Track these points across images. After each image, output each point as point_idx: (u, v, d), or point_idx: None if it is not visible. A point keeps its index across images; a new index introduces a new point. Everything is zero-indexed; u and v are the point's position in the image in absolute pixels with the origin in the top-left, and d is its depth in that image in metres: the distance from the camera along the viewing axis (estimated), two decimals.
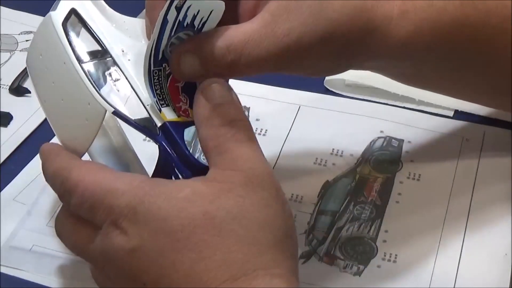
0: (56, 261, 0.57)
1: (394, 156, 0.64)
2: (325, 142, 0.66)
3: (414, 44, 0.51)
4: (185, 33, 0.47)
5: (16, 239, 0.59)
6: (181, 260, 0.42)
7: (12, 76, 0.73)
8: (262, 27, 0.46)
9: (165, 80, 0.48)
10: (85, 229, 0.47)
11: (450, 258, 0.55)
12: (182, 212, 0.43)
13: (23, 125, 0.69)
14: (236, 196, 0.43)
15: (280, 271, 0.43)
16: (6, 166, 0.65)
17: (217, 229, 0.42)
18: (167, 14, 0.45)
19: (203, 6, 0.46)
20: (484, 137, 0.65)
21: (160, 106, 0.48)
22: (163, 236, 0.43)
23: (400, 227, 0.58)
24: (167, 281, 0.42)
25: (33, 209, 0.61)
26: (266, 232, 0.43)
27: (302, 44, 0.47)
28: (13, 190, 0.63)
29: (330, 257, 0.56)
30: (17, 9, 0.83)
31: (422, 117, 0.67)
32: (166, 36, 0.46)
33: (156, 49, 0.47)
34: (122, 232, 0.44)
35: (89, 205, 0.45)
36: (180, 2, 0.45)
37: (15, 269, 0.56)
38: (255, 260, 0.42)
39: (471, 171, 0.62)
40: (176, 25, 0.46)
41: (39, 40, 0.51)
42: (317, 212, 0.60)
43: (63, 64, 0.48)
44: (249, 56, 0.46)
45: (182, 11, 0.45)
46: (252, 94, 0.71)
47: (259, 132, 0.67)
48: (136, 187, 0.44)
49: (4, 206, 0.61)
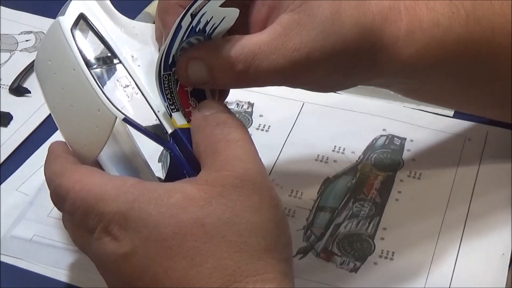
0: (56, 251, 0.57)
1: (396, 154, 0.64)
2: (327, 139, 0.66)
3: (420, 63, 0.51)
4: (196, 38, 0.47)
5: (17, 229, 0.59)
6: (174, 268, 0.42)
7: (12, 76, 0.74)
8: (273, 40, 0.46)
9: (174, 85, 0.48)
10: (82, 232, 0.47)
11: (447, 257, 0.55)
12: (173, 219, 0.43)
13: (23, 125, 0.69)
14: (227, 201, 0.43)
15: (272, 275, 0.43)
16: (6, 166, 0.65)
17: (208, 236, 0.42)
18: (182, 20, 0.45)
19: (218, 12, 0.46)
20: (487, 137, 0.65)
21: (171, 111, 0.48)
22: (154, 243, 0.42)
23: (399, 225, 0.58)
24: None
25: (35, 200, 0.61)
26: (258, 237, 0.43)
27: (312, 59, 0.47)
28: (15, 180, 0.63)
29: (327, 253, 0.57)
30: (17, 9, 0.83)
31: (425, 116, 0.67)
32: (178, 41, 0.46)
33: (167, 54, 0.47)
34: (114, 238, 0.44)
35: (81, 211, 0.45)
36: (197, 9, 0.45)
37: (16, 259, 0.57)
38: (247, 266, 0.42)
39: (472, 171, 0.62)
40: (188, 31, 0.46)
41: (48, 46, 0.51)
42: (316, 208, 0.60)
43: (73, 70, 0.48)
44: (258, 67, 0.46)
45: (197, 18, 0.45)
46: (256, 90, 0.71)
47: (262, 128, 0.68)
48: (126, 192, 0.44)
49: (6, 195, 0.62)
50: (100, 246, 0.45)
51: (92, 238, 0.45)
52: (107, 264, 0.45)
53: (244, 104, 0.70)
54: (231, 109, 0.68)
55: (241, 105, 0.70)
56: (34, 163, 0.65)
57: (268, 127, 0.68)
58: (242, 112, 0.69)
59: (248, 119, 0.68)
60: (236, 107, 0.69)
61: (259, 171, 0.45)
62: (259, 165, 0.45)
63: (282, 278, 0.43)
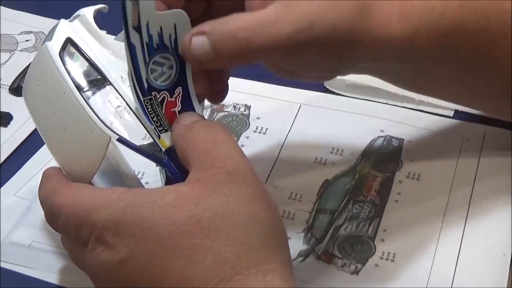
0: (55, 257, 0.57)
1: (394, 155, 0.64)
2: (325, 141, 0.66)
3: (413, 47, 0.51)
4: (162, 56, 0.47)
5: (15, 235, 0.59)
6: (172, 267, 0.42)
7: (12, 76, 0.74)
8: (275, 12, 0.47)
9: (159, 108, 0.48)
10: (77, 247, 0.47)
11: (448, 257, 0.55)
12: (168, 219, 0.42)
13: (23, 125, 0.69)
14: (221, 196, 0.43)
15: (272, 266, 0.43)
16: (6, 166, 0.65)
17: (205, 232, 0.42)
18: (129, 38, 0.45)
19: (162, 19, 0.46)
20: (485, 137, 0.65)
21: (159, 133, 0.48)
22: (150, 245, 0.42)
23: (399, 226, 0.58)
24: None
25: (34, 205, 0.61)
26: (255, 228, 0.43)
27: (312, 32, 0.47)
28: (14, 185, 0.63)
29: (328, 255, 0.56)
30: (17, 9, 0.83)
31: (423, 116, 0.67)
32: (141, 62, 0.46)
33: (138, 79, 0.47)
34: (108, 247, 0.43)
35: (74, 226, 0.45)
36: (134, 20, 0.44)
37: (15, 265, 0.57)
38: (247, 258, 0.42)
39: (471, 171, 0.62)
40: (146, 49, 0.46)
41: (36, 71, 0.51)
42: (316, 210, 0.60)
43: (63, 94, 0.48)
44: (262, 37, 0.46)
45: (143, 31, 0.45)
46: (253, 93, 0.71)
47: (259, 131, 0.67)
48: (116, 199, 0.44)
49: (4, 200, 0.62)
50: (94, 258, 0.44)
51: (86, 251, 0.45)
52: (101, 275, 0.45)
53: (241, 107, 0.70)
54: (228, 111, 0.69)
55: (238, 107, 0.70)
56: (32, 168, 0.64)
57: (266, 129, 0.68)
58: (239, 115, 0.69)
59: (245, 122, 0.68)
60: (233, 110, 0.69)
61: (249, 166, 0.45)
62: (248, 161, 0.46)
63: (283, 268, 0.43)
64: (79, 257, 0.48)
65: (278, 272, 0.43)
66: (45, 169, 0.53)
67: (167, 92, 0.48)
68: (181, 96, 0.49)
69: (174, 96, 0.49)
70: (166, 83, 0.48)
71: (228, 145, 0.46)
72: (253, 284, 0.41)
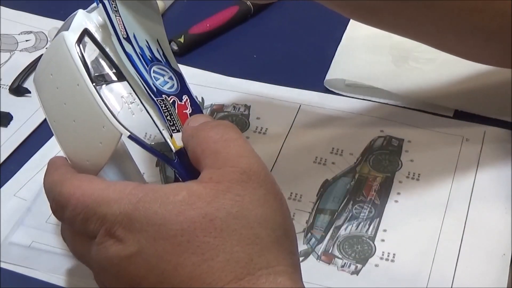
0: (55, 257, 0.57)
1: (394, 156, 0.64)
2: (325, 141, 0.66)
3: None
4: (158, 67, 0.47)
5: (15, 236, 0.59)
6: (183, 264, 0.42)
7: (12, 76, 0.74)
8: None
9: (172, 108, 0.48)
10: (82, 240, 0.47)
11: (448, 258, 0.55)
12: (181, 216, 0.42)
13: (23, 125, 0.69)
14: (234, 196, 0.43)
15: (283, 268, 0.43)
16: (6, 166, 0.65)
17: (218, 230, 0.42)
18: (124, 48, 0.46)
19: (144, 27, 0.47)
20: (484, 137, 0.65)
21: (171, 132, 0.48)
22: (162, 241, 0.42)
23: (399, 226, 0.58)
24: (169, 285, 0.42)
25: (33, 206, 0.61)
26: (267, 229, 0.43)
27: None
28: (14, 185, 0.63)
29: (328, 256, 0.56)
30: (17, 9, 0.83)
31: (422, 116, 0.67)
32: (142, 69, 0.46)
33: (145, 82, 0.47)
34: (118, 241, 0.43)
35: (82, 217, 0.45)
36: (122, 31, 0.45)
37: (15, 265, 0.57)
38: (259, 258, 0.42)
39: (471, 171, 0.62)
40: (142, 59, 0.46)
41: (51, 60, 0.50)
42: (316, 210, 0.60)
43: (77, 85, 0.48)
44: None
45: (133, 41, 0.46)
46: (253, 93, 0.71)
47: (259, 131, 0.67)
48: (129, 194, 0.44)
49: (4, 201, 0.61)
50: (102, 251, 0.44)
51: (92, 244, 0.45)
52: (108, 269, 0.44)
53: (241, 107, 0.70)
54: (227, 112, 0.69)
55: (237, 108, 0.70)
56: (31, 168, 0.64)
57: (266, 129, 0.68)
58: (239, 115, 0.69)
59: (245, 122, 0.68)
60: (233, 110, 0.69)
61: (262, 166, 0.45)
62: (261, 161, 0.46)
63: (292, 270, 0.44)
64: (82, 249, 0.47)
65: (288, 275, 0.43)
66: (52, 157, 0.52)
67: (175, 97, 0.49)
68: (189, 103, 0.49)
69: (183, 101, 0.49)
70: (173, 90, 0.48)
71: (240, 144, 0.46)
72: (264, 285, 0.41)
